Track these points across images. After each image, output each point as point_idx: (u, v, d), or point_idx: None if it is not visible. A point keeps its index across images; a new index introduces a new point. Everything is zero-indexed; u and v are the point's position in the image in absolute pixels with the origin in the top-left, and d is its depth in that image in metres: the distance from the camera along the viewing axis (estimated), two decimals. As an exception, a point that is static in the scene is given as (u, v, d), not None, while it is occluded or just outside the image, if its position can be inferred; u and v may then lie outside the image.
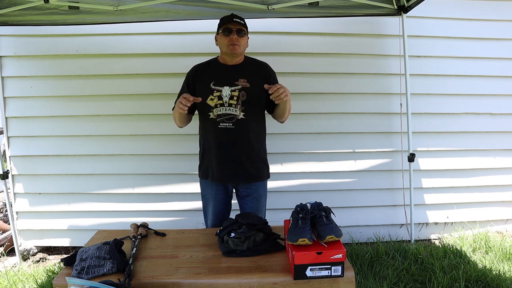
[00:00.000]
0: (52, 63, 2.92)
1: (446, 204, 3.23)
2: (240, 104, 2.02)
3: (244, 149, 2.07)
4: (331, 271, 1.49)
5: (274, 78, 2.17)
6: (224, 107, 2.01)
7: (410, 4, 2.70)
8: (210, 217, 2.22)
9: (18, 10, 2.44)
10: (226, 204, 2.21)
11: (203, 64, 2.15)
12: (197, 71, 2.12)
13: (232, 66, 2.09)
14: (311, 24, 2.94)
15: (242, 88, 2.02)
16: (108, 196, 3.08)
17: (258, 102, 2.07)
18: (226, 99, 2.01)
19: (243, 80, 2.04)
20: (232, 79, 2.04)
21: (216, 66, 2.12)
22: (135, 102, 2.99)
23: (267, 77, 2.11)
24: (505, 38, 3.06)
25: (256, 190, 2.17)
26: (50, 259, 3.08)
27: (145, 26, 2.81)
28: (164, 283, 1.51)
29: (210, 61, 2.16)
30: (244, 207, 2.20)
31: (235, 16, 2.04)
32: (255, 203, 2.18)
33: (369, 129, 3.10)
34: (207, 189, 2.19)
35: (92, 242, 1.91)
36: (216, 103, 2.01)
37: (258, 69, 2.13)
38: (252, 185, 2.16)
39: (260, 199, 2.20)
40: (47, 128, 2.98)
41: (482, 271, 2.53)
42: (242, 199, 2.20)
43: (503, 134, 3.19)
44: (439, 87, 3.09)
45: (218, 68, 2.10)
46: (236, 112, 2.02)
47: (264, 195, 2.23)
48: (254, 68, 2.13)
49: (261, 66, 2.16)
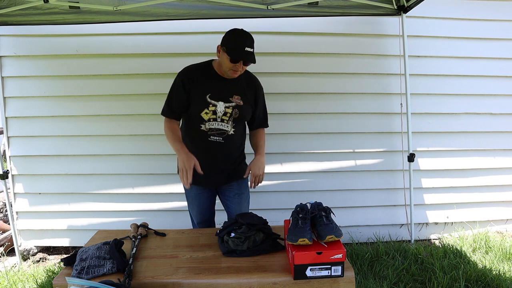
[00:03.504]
0: (52, 63, 2.92)
1: (446, 204, 3.23)
2: (231, 121, 2.05)
3: (228, 161, 2.15)
4: (331, 271, 1.49)
5: (262, 98, 2.19)
6: (216, 122, 2.03)
7: (409, 4, 2.70)
8: (196, 215, 2.29)
9: (18, 10, 2.44)
10: (210, 202, 2.28)
11: (198, 69, 2.06)
12: (193, 75, 2.03)
13: (228, 80, 2.03)
14: (311, 24, 2.94)
15: (236, 106, 2.03)
16: (108, 196, 3.08)
17: (247, 119, 2.16)
18: (220, 115, 2.02)
19: (237, 97, 2.04)
20: (227, 95, 2.03)
21: (212, 76, 2.03)
22: (135, 102, 2.99)
23: (256, 94, 2.14)
24: (505, 38, 3.06)
25: (238, 187, 2.22)
26: (50, 259, 3.08)
27: (145, 26, 2.81)
28: (164, 283, 1.51)
29: (205, 67, 2.06)
30: (227, 203, 2.26)
31: (248, 44, 1.91)
32: (237, 199, 2.23)
33: (369, 129, 3.10)
34: (190, 190, 2.22)
35: (92, 242, 1.91)
36: (210, 117, 2.01)
37: (250, 84, 2.11)
38: (232, 183, 2.22)
39: (242, 195, 2.24)
40: (47, 128, 2.98)
41: (482, 271, 2.53)
42: (224, 196, 2.26)
43: (503, 134, 3.19)
44: (439, 87, 3.09)
45: (214, 78, 2.03)
46: (228, 128, 2.05)
47: (246, 192, 2.28)
48: (247, 82, 2.10)
49: (252, 81, 2.14)
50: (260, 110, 2.19)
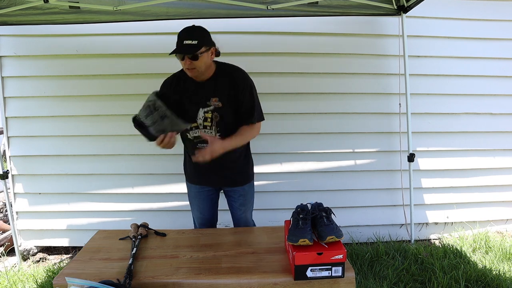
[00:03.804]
0: (52, 63, 2.91)
1: (446, 204, 3.23)
2: (214, 126, 1.97)
3: (224, 164, 2.03)
4: (332, 271, 1.49)
5: (244, 93, 1.97)
6: (199, 129, 1.98)
7: (409, 4, 2.70)
8: (197, 214, 2.27)
9: (18, 10, 2.44)
10: (211, 201, 2.26)
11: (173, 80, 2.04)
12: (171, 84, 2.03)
13: (203, 83, 1.96)
14: (311, 24, 2.94)
15: (215, 109, 1.94)
16: (107, 196, 3.08)
17: (231, 120, 1.99)
18: (201, 121, 1.96)
19: (215, 99, 1.94)
20: (204, 99, 1.95)
21: (188, 82, 1.97)
22: (135, 102, 2.93)
23: (236, 90, 1.95)
24: (505, 38, 3.06)
25: (242, 188, 2.20)
26: (50, 259, 3.08)
27: (145, 26, 2.81)
28: (164, 283, 1.51)
29: (181, 75, 2.00)
30: (232, 204, 2.25)
31: (185, 36, 1.83)
32: (242, 200, 2.21)
33: (369, 129, 3.10)
34: (191, 188, 2.23)
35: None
36: (192, 126, 1.97)
37: (229, 82, 1.96)
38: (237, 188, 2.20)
39: (246, 195, 2.22)
40: (47, 128, 2.98)
41: (482, 271, 2.53)
42: (229, 197, 2.25)
43: (503, 134, 3.19)
44: (439, 87, 3.08)
45: (190, 85, 1.97)
46: (212, 133, 1.98)
47: (250, 192, 2.26)
48: (226, 80, 1.96)
49: (233, 78, 1.98)
50: (247, 106, 1.98)
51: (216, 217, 2.36)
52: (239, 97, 1.96)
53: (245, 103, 1.98)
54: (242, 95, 1.97)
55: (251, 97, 2.00)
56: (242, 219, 2.26)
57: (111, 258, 1.73)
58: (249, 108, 1.99)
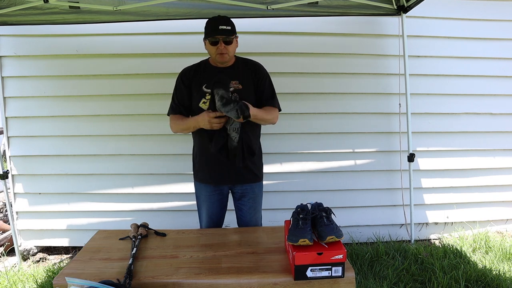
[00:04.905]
0: (52, 63, 2.92)
1: (446, 204, 3.23)
2: None
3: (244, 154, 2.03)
4: (332, 271, 1.49)
5: (263, 80, 2.09)
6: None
7: (409, 4, 2.70)
8: (205, 218, 2.22)
9: (18, 10, 2.44)
10: (221, 205, 2.21)
11: (193, 67, 2.12)
12: (189, 72, 2.09)
13: (224, 69, 2.06)
14: (311, 24, 2.94)
15: (235, 90, 1.99)
16: (108, 196, 3.08)
17: (251, 104, 1.96)
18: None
19: (235, 82, 2.00)
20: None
21: (208, 68, 2.08)
22: (135, 102, 2.99)
23: (257, 76, 2.08)
24: (505, 38, 3.06)
25: (252, 190, 2.17)
26: (50, 259, 3.08)
27: (145, 26, 2.81)
28: (164, 283, 1.50)
29: (200, 63, 2.13)
30: (241, 207, 2.20)
31: (221, 22, 1.93)
32: (251, 203, 2.18)
33: (369, 129, 3.10)
34: (201, 190, 2.19)
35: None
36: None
37: (250, 70, 2.09)
38: (247, 185, 2.16)
39: (256, 198, 2.20)
40: (47, 128, 2.98)
41: (482, 271, 2.53)
42: (238, 200, 2.20)
43: (503, 134, 3.19)
44: (439, 87, 3.09)
45: (210, 70, 2.07)
46: None
47: (260, 194, 2.23)
48: (246, 69, 2.09)
49: (253, 67, 2.11)
50: (267, 92, 2.10)
51: (223, 221, 2.29)
52: (259, 84, 2.07)
53: (266, 91, 2.10)
54: (262, 82, 2.09)
55: (270, 85, 2.14)
56: (252, 222, 2.22)
57: (111, 258, 1.72)
58: (270, 95, 2.12)
